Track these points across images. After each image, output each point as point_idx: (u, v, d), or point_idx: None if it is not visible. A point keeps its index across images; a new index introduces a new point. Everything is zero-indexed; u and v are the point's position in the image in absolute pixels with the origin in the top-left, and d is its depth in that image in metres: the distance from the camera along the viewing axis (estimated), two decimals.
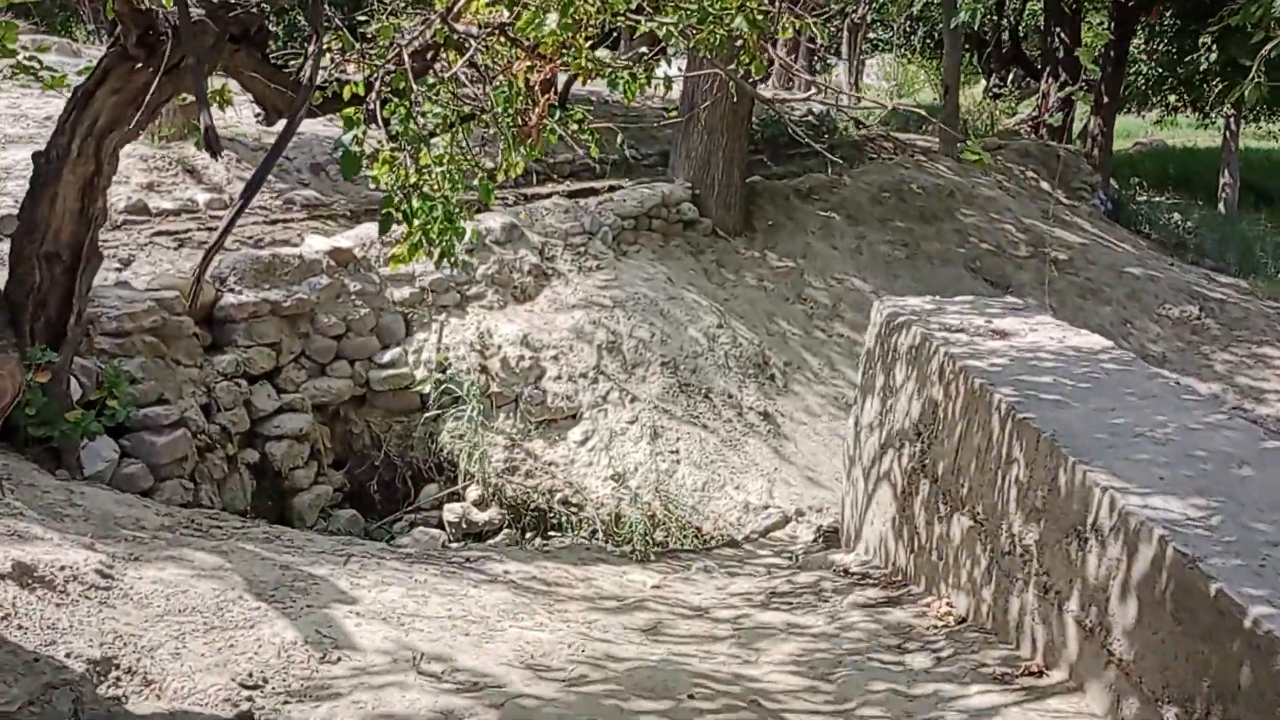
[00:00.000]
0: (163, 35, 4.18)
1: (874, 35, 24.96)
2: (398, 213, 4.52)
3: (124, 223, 8.28)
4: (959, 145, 14.19)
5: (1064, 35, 17.37)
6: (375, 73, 4.60)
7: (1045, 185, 14.31)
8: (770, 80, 16.65)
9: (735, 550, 6.38)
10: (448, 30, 4.56)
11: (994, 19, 20.23)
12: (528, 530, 7.20)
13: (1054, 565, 3.39)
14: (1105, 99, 16.80)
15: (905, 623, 4.04)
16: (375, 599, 3.62)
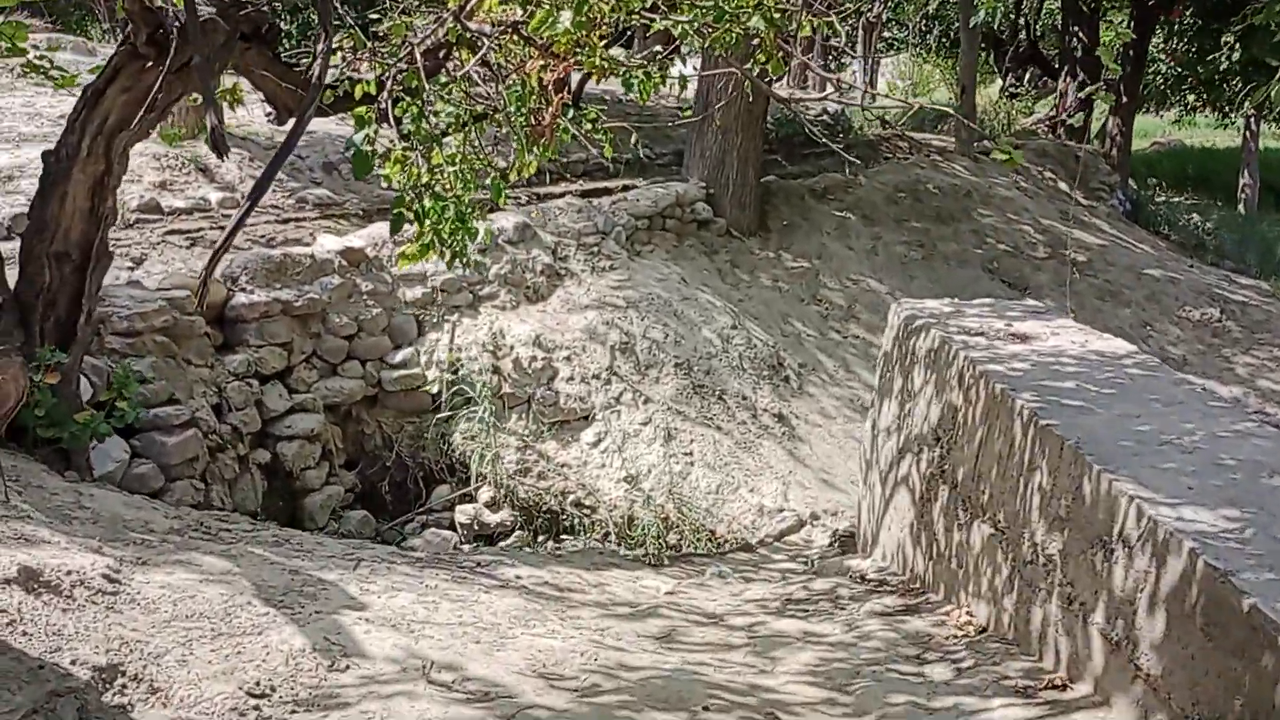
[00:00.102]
0: (173, 34, 4.14)
1: (889, 34, 24.82)
2: (409, 212, 4.48)
3: (136, 221, 8.26)
4: (990, 144, 14.11)
5: (1082, 34, 17.23)
6: (387, 71, 4.56)
7: (1063, 185, 14.19)
8: (784, 80, 16.56)
9: (750, 554, 6.31)
10: (460, 28, 4.51)
11: (1011, 18, 20.09)
12: (540, 532, 7.15)
13: (1078, 576, 3.31)
14: (1124, 98, 16.66)
15: (924, 632, 3.96)
16: (385, 605, 3.56)
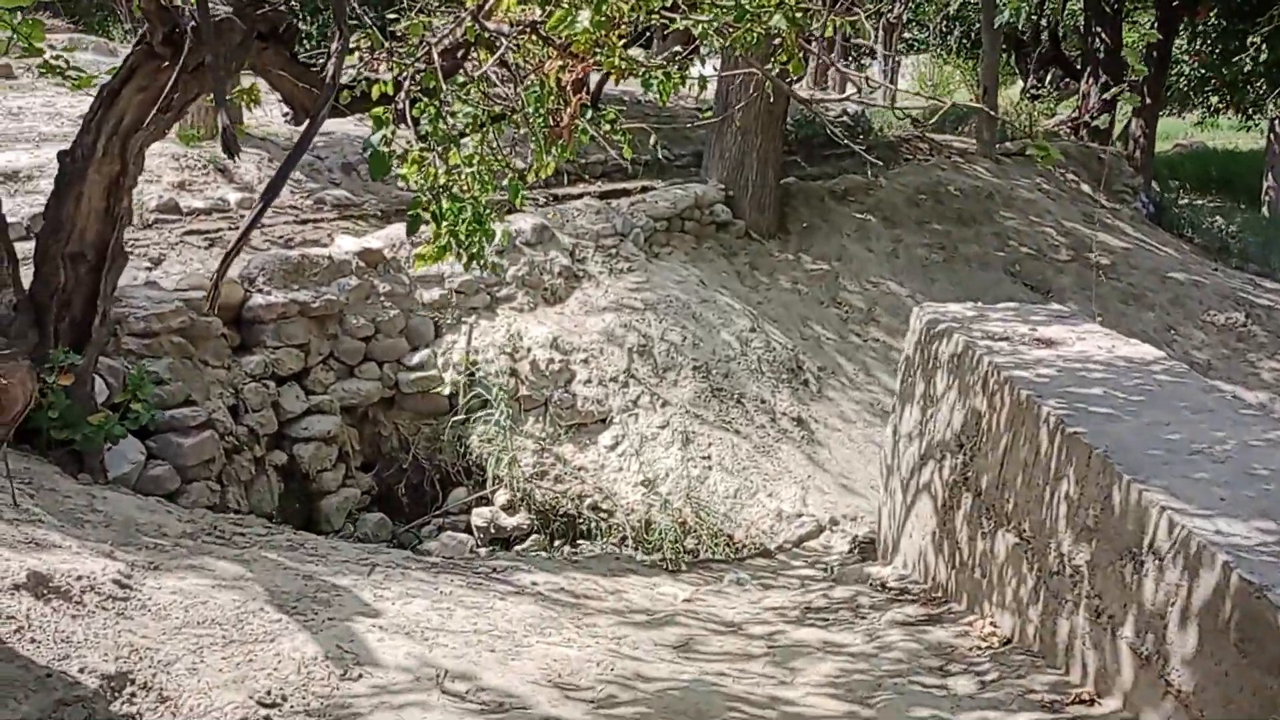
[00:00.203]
0: (189, 33, 4.10)
1: (909, 35, 24.67)
2: (426, 213, 4.43)
3: (155, 221, 8.27)
4: (1010, 145, 13.99)
5: (1105, 35, 17.07)
6: (404, 71, 4.51)
7: (1086, 187, 14.05)
8: (803, 81, 16.47)
9: (768, 560, 6.24)
10: (478, 28, 4.46)
11: (1033, 19, 19.94)
12: (557, 536, 7.11)
13: (1107, 588, 3.24)
14: (1148, 100, 16.48)
15: (947, 643, 3.89)
16: (399, 612, 3.51)
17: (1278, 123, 19.60)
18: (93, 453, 4.56)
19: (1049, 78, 22.12)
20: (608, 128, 4.99)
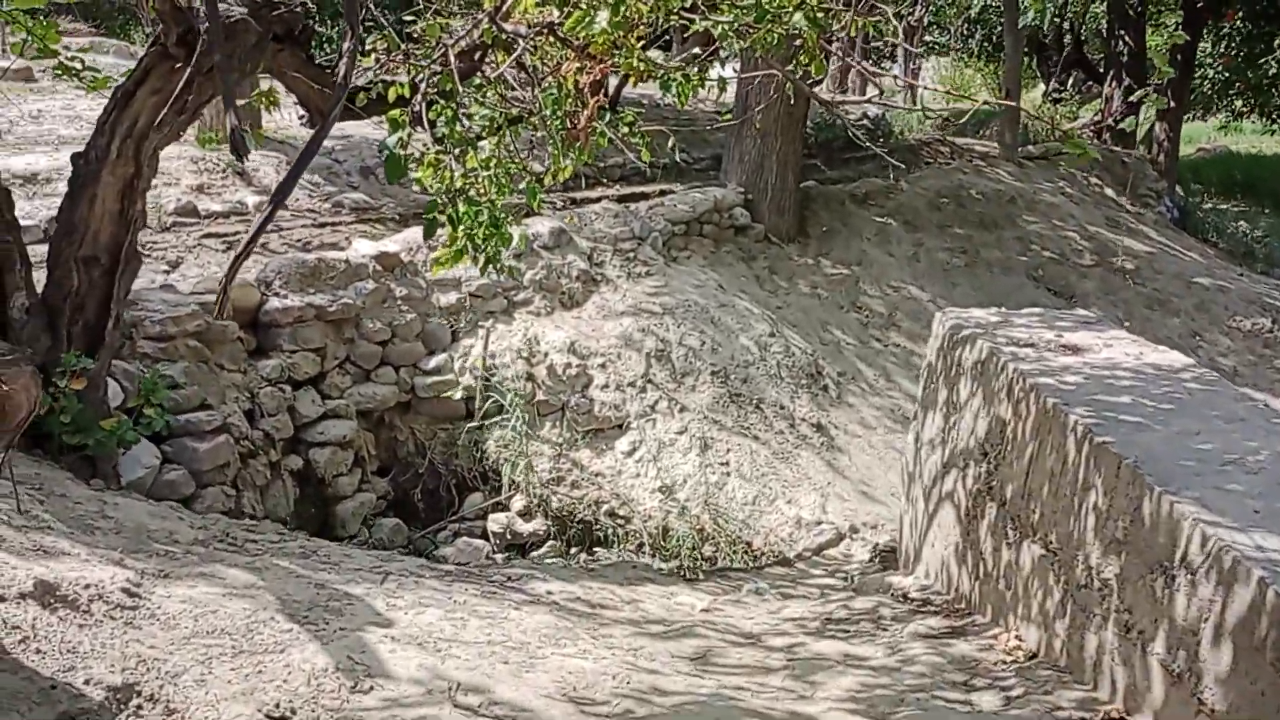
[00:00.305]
0: (203, 34, 4.05)
1: (929, 38, 24.52)
2: (442, 216, 4.38)
3: (173, 224, 8.26)
4: (1033, 149, 13.86)
5: (1128, 38, 16.90)
6: (421, 73, 4.46)
7: (1109, 191, 13.90)
8: (824, 83, 16.37)
9: (787, 569, 6.16)
10: (495, 30, 4.40)
11: (1056, 22, 19.78)
12: (573, 543, 7.04)
13: (1137, 602, 3.15)
14: (1172, 103, 16.31)
15: (971, 656, 3.80)
16: (412, 621, 3.45)
17: None
18: (105, 458, 4.52)
19: (1071, 81, 21.95)
20: (626, 130, 4.92)
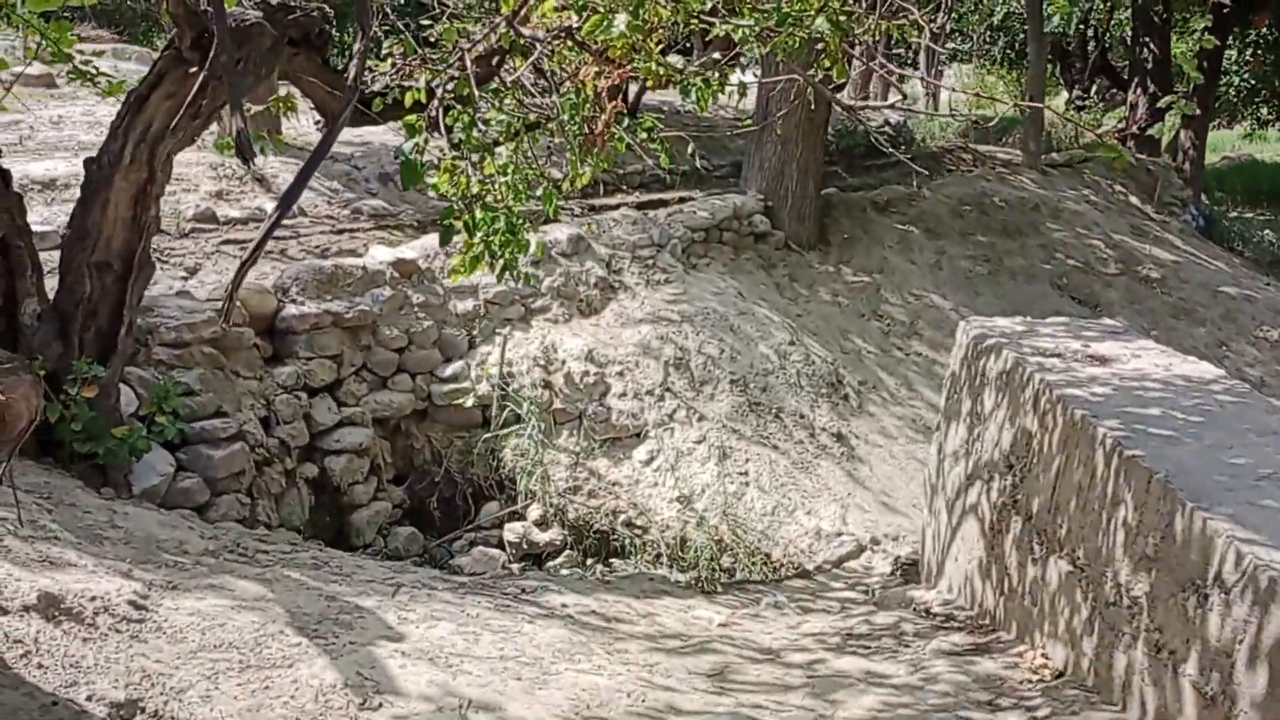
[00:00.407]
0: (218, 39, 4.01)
1: (952, 45, 24.39)
2: (458, 223, 4.33)
3: (192, 231, 8.25)
4: (1056, 156, 13.71)
5: (1153, 45, 16.73)
6: (438, 78, 4.41)
7: (1134, 199, 13.74)
8: (845, 90, 16.27)
9: (807, 582, 6.06)
10: (513, 34, 4.35)
11: (1080, 28, 19.63)
12: (590, 553, 6.97)
13: (1168, 621, 3.05)
14: (1198, 110, 16.12)
15: (996, 675, 3.70)
16: (423, 636, 3.39)
17: None
18: (117, 466, 4.47)
19: (1094, 88, 21.78)
20: (644, 136, 4.86)
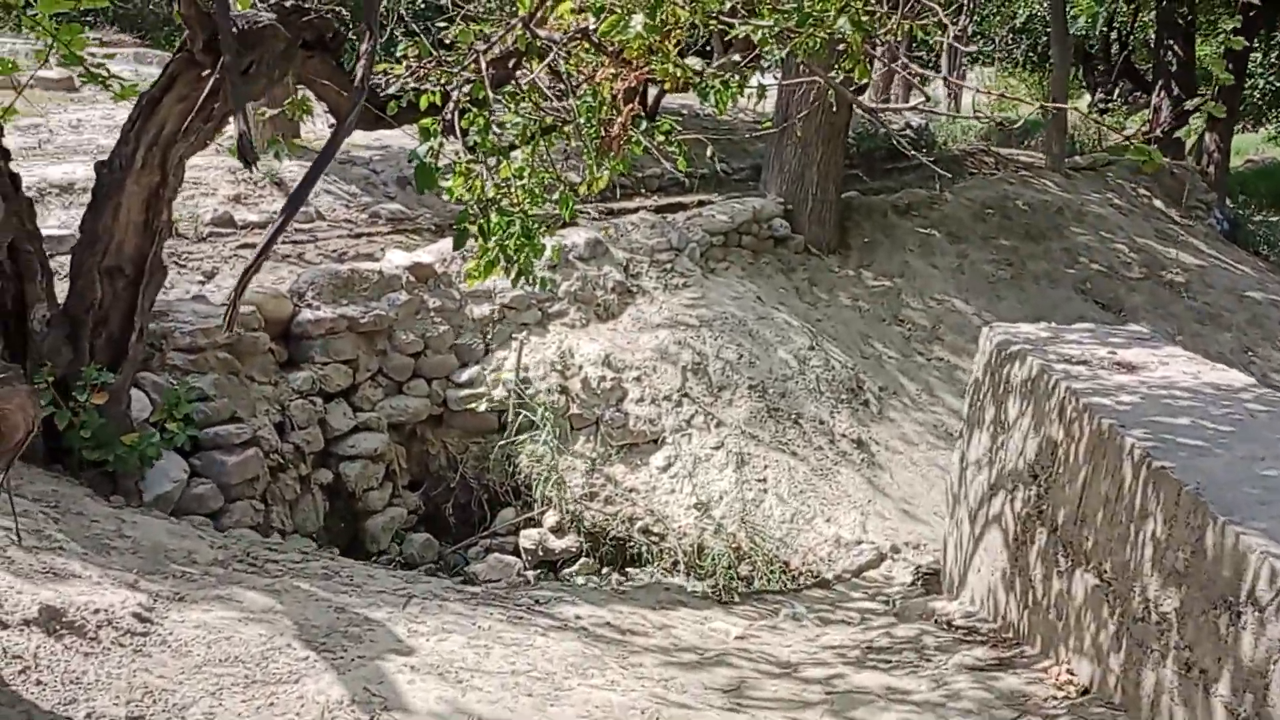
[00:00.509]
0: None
1: (974, 47, 24.21)
2: (473, 227, 4.27)
3: (210, 235, 8.23)
4: (1080, 159, 13.56)
5: (1177, 48, 16.55)
6: (453, 81, 4.36)
7: (1158, 203, 13.57)
8: (866, 92, 16.16)
9: (826, 591, 5.97)
10: (529, 36, 4.29)
11: (1103, 31, 19.45)
12: (606, 560, 6.89)
13: (1198, 639, 2.95)
14: (1225, 112, 15.92)
15: (1020, 691, 3.61)
16: (433, 649, 3.32)
17: None
18: (127, 474, 4.43)
19: (1117, 91, 21.58)
20: (662, 140, 4.79)
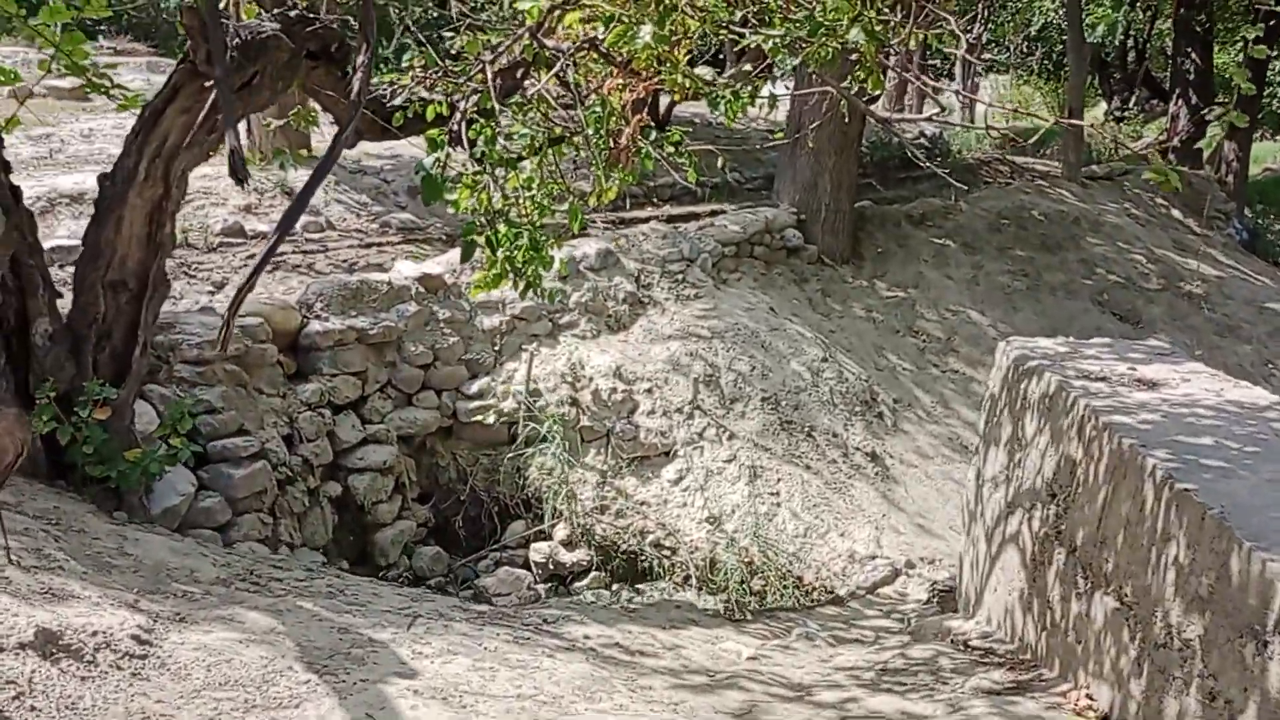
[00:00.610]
0: (233, 51, 3.92)
1: (988, 56, 24.13)
2: (480, 239, 4.22)
3: (220, 245, 8.20)
4: (1096, 168, 13.45)
5: (1195, 55, 16.42)
6: (459, 91, 4.30)
7: (1176, 213, 13.44)
8: (880, 101, 16.08)
9: (839, 609, 5.88)
10: (536, 46, 4.23)
11: (1121, 39, 19.34)
12: (617, 574, 6.82)
13: (1223, 668, 2.85)
14: (1248, 121, 15.78)
15: (1038, 716, 3.52)
16: (438, 672, 3.25)
17: None
18: (131, 490, 4.37)
19: (1134, 99, 21.44)
20: (671, 150, 4.72)
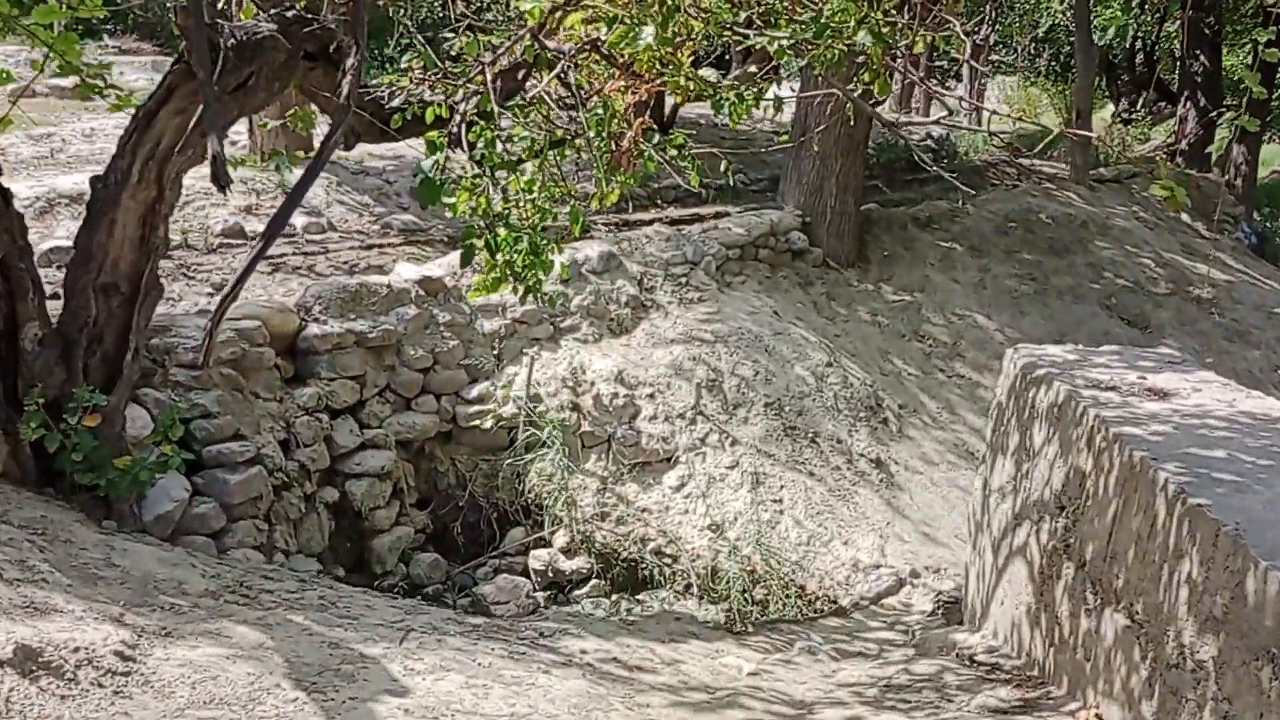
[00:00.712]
0: (229, 52, 3.84)
1: (995, 57, 24.03)
2: (479, 243, 4.14)
3: (220, 246, 8.15)
4: (1104, 170, 13.35)
5: (1204, 58, 16.32)
6: (459, 93, 4.23)
7: (1185, 216, 13.33)
8: (886, 102, 15.99)
9: (843, 620, 5.79)
10: (538, 48, 4.16)
11: (1129, 41, 19.24)
12: (617, 582, 6.73)
13: (1238, 691, 2.76)
14: (1259, 124, 15.66)
15: None
16: (429, 690, 3.17)
17: None
18: (121, 497, 4.29)
19: (1142, 101, 21.33)
20: (674, 153, 4.64)
